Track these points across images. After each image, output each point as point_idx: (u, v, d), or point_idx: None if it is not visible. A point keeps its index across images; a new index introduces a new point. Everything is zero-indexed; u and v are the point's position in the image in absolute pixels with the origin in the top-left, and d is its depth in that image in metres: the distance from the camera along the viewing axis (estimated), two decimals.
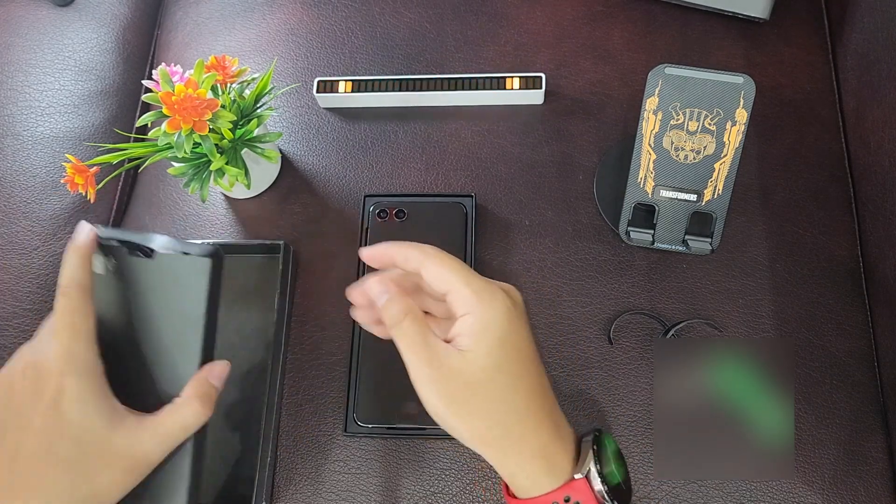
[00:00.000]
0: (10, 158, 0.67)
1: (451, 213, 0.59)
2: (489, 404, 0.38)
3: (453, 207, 0.59)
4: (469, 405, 0.37)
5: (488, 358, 0.37)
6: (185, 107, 0.49)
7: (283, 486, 0.54)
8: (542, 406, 0.39)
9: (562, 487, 0.38)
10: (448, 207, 0.59)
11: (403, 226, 0.59)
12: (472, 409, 0.37)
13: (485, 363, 0.37)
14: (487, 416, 0.38)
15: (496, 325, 0.37)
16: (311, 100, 0.67)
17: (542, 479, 0.39)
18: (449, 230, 0.58)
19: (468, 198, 0.60)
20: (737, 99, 0.52)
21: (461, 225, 0.58)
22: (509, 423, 0.38)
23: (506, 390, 0.38)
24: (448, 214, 0.59)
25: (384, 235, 0.58)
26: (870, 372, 0.54)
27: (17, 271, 0.63)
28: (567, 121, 0.63)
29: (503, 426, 0.38)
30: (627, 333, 0.56)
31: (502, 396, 0.38)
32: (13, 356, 0.37)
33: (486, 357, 0.37)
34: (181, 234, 0.64)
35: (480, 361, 0.37)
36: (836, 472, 0.51)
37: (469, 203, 0.59)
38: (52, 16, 0.74)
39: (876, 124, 0.56)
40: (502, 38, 0.67)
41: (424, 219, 0.59)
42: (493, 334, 0.37)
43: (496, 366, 0.38)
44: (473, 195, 0.59)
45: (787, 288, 0.56)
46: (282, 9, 0.72)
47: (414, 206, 0.60)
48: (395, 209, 0.59)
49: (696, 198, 0.54)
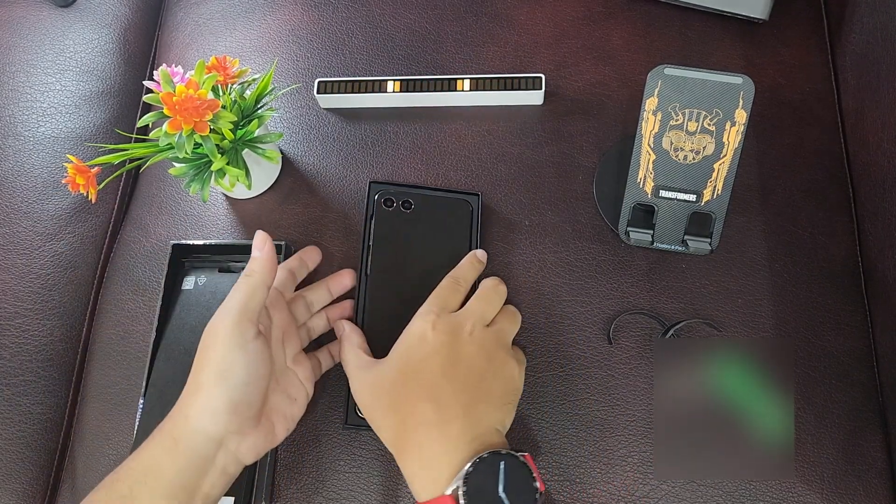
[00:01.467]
0: (12, 159, 0.67)
1: (457, 209, 0.59)
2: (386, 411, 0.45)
3: (460, 204, 0.59)
4: (385, 411, 0.45)
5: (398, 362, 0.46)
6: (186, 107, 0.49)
7: (284, 486, 0.54)
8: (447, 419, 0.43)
9: (431, 501, 0.40)
10: (454, 203, 0.59)
11: (409, 218, 0.58)
12: (390, 414, 0.45)
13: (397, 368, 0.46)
14: (381, 420, 0.45)
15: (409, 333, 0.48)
16: (311, 100, 0.67)
17: (425, 485, 0.41)
18: (454, 226, 0.58)
19: (474, 196, 0.59)
20: (736, 99, 0.52)
21: (466, 222, 0.58)
22: (397, 429, 0.44)
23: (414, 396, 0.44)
24: (454, 210, 0.59)
25: (389, 225, 0.57)
26: (869, 371, 0.54)
27: (19, 271, 0.63)
28: (567, 121, 0.63)
29: (416, 431, 0.43)
30: (627, 333, 0.56)
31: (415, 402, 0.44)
32: None
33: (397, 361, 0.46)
34: (182, 235, 0.64)
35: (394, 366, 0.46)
36: (835, 471, 0.51)
37: (475, 201, 0.59)
38: (53, 17, 0.74)
39: (875, 124, 0.56)
40: (502, 39, 0.67)
41: (430, 213, 0.58)
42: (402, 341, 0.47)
43: (404, 371, 0.45)
44: (479, 194, 0.59)
45: (786, 287, 0.56)
46: (282, 10, 0.72)
47: (421, 199, 0.59)
48: (402, 200, 0.58)
49: (696, 198, 0.54)
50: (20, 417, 0.59)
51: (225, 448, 0.42)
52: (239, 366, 0.42)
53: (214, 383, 0.42)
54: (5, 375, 0.60)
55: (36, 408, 0.60)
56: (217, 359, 0.42)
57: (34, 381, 0.60)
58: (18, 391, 0.60)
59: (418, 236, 0.57)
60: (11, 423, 0.59)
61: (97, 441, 0.58)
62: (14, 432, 0.58)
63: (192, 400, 0.42)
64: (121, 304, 0.63)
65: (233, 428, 0.42)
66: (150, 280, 0.63)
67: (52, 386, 0.61)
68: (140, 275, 0.63)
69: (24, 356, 0.60)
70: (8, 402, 0.59)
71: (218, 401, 0.41)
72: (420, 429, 0.43)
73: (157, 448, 0.41)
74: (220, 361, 0.42)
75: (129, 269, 0.64)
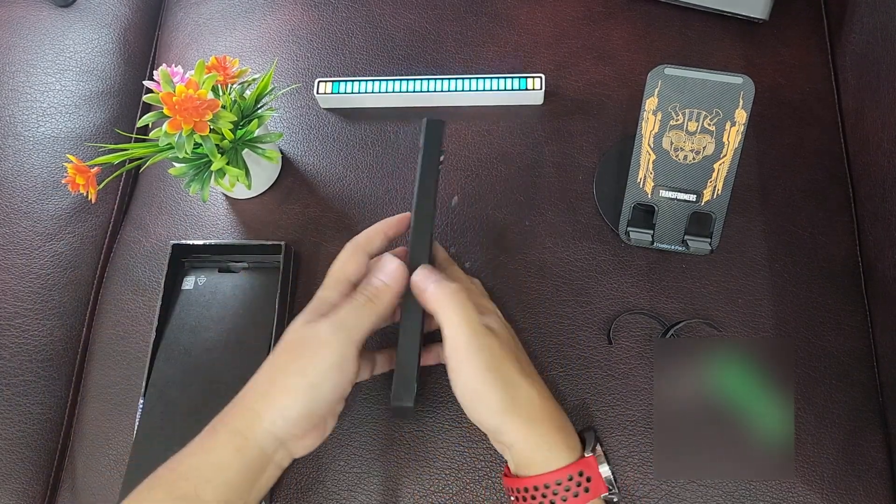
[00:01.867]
0: (12, 159, 0.67)
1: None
2: (518, 375, 0.42)
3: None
4: (503, 374, 0.42)
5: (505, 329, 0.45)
6: (186, 107, 0.49)
7: (283, 486, 0.54)
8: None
9: (578, 462, 0.41)
10: None
11: None
12: (508, 377, 0.42)
13: (507, 334, 0.44)
14: (518, 385, 0.42)
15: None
16: (311, 100, 0.67)
17: (563, 451, 0.41)
18: None
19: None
20: (736, 99, 0.52)
21: None
22: (535, 393, 0.42)
23: (525, 360, 0.44)
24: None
25: None
26: (869, 371, 0.54)
27: (19, 271, 0.63)
28: (567, 121, 0.63)
29: (531, 395, 0.42)
30: (627, 333, 0.56)
31: (530, 369, 0.44)
32: None
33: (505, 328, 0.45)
34: (182, 235, 0.64)
35: (504, 332, 0.44)
36: (835, 471, 0.51)
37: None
38: (53, 17, 0.74)
39: (875, 124, 0.56)
40: (502, 39, 0.67)
41: None
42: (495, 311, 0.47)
43: (513, 337, 0.45)
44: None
45: (786, 287, 0.56)
46: (282, 9, 0.72)
47: None
48: None
49: (696, 198, 0.54)
50: (20, 417, 0.59)
51: (285, 446, 0.42)
52: (331, 383, 0.41)
53: (301, 393, 0.40)
54: (5, 375, 0.60)
55: (36, 408, 0.60)
56: (312, 371, 0.40)
57: (34, 381, 0.60)
58: (18, 391, 0.59)
59: None
60: (11, 423, 0.59)
61: (97, 441, 0.58)
62: (14, 432, 0.58)
63: (269, 400, 0.40)
64: (121, 304, 0.63)
65: (299, 433, 0.41)
66: (149, 280, 0.63)
67: (52, 386, 0.61)
68: (140, 275, 0.63)
69: (24, 356, 0.60)
70: (8, 402, 0.59)
71: (298, 410, 0.40)
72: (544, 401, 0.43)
73: (227, 447, 0.40)
74: (315, 375, 0.40)
75: (129, 269, 0.64)
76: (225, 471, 0.39)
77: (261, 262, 0.60)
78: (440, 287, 0.42)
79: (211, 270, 0.60)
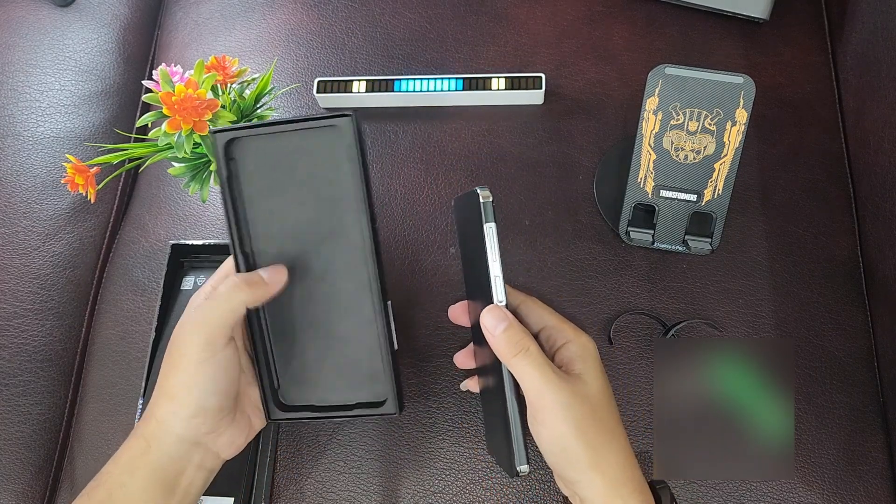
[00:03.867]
0: (11, 158, 0.67)
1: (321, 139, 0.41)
2: (607, 433, 0.39)
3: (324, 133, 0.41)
4: (593, 430, 0.39)
5: (599, 380, 0.40)
6: (186, 107, 0.49)
7: (283, 486, 0.54)
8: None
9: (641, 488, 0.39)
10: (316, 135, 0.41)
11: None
12: (596, 434, 0.39)
13: (599, 386, 0.40)
14: (607, 443, 0.39)
15: (595, 350, 0.42)
16: (311, 100, 0.67)
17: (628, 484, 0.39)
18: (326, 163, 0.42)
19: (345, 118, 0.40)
20: (737, 99, 0.52)
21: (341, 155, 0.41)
22: (621, 452, 0.40)
23: (615, 416, 0.41)
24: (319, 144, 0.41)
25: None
26: (869, 372, 0.54)
27: (18, 271, 0.63)
28: (567, 121, 0.63)
29: (617, 454, 0.39)
30: (627, 333, 0.56)
31: (615, 425, 0.40)
32: None
33: (598, 379, 0.40)
34: (181, 235, 0.64)
35: (596, 384, 0.40)
36: (835, 471, 0.51)
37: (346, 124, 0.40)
38: (52, 16, 0.74)
39: (876, 124, 0.56)
40: (502, 38, 0.67)
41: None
42: (595, 358, 0.41)
43: (605, 390, 0.41)
44: (352, 114, 0.40)
45: (786, 288, 0.56)
46: (282, 9, 0.72)
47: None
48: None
49: (696, 198, 0.54)
50: (19, 418, 0.59)
51: (201, 446, 0.41)
52: (207, 377, 0.40)
53: (184, 392, 0.40)
54: (4, 376, 0.59)
55: (35, 408, 0.59)
56: (186, 369, 0.40)
57: (33, 382, 0.60)
58: (18, 391, 0.59)
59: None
60: (11, 423, 0.59)
61: (97, 441, 0.58)
62: (13, 432, 0.58)
63: (162, 404, 0.41)
64: (120, 305, 0.63)
65: (205, 429, 0.41)
66: (149, 280, 0.62)
67: (52, 386, 0.61)
68: (139, 275, 0.63)
69: (23, 356, 0.60)
70: (7, 402, 0.59)
71: (188, 409, 0.40)
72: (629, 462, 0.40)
73: (132, 451, 0.41)
74: (190, 373, 0.40)
75: (129, 269, 0.64)
76: (134, 475, 0.40)
77: None
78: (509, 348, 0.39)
79: (210, 271, 0.60)
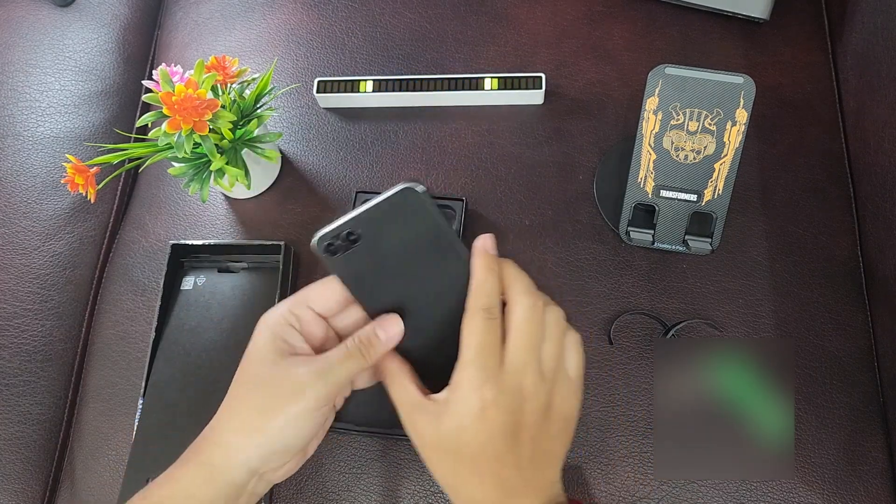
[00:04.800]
0: (11, 158, 0.67)
1: None
2: (467, 470, 0.37)
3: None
4: (450, 469, 0.38)
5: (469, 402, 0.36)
6: (186, 107, 0.49)
7: (283, 487, 0.54)
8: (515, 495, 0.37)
9: None
10: None
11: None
12: (454, 475, 0.38)
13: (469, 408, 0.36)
14: (466, 482, 0.37)
15: (462, 420, 0.37)
16: (311, 100, 0.67)
17: None
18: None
19: (458, 202, 0.55)
20: (737, 99, 0.52)
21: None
22: (490, 486, 0.37)
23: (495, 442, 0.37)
24: None
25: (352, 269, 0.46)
26: (869, 372, 0.54)
27: (18, 271, 0.63)
28: (567, 121, 0.63)
29: (484, 491, 0.37)
30: (627, 333, 0.56)
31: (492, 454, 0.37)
32: None
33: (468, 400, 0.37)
34: (181, 235, 0.64)
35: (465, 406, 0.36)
36: (835, 471, 0.51)
37: (459, 207, 0.55)
38: (52, 16, 0.74)
39: (876, 124, 0.56)
40: (502, 38, 0.67)
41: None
42: (458, 427, 0.37)
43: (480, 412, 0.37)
44: (464, 199, 0.55)
45: (786, 288, 0.56)
46: (282, 9, 0.72)
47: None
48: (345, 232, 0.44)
49: (697, 198, 0.54)
50: (19, 418, 0.59)
51: (261, 477, 0.40)
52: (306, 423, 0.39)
53: (277, 433, 0.38)
54: (4, 376, 0.59)
55: (35, 408, 0.59)
56: (288, 411, 0.38)
57: (33, 382, 0.60)
58: (18, 391, 0.59)
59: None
60: (10, 423, 0.59)
61: (96, 441, 0.58)
62: (13, 432, 0.58)
63: (243, 437, 0.39)
64: (120, 305, 0.63)
65: (276, 465, 0.40)
66: (149, 280, 0.62)
67: (52, 386, 0.61)
68: (139, 275, 0.63)
69: (23, 356, 0.60)
70: (7, 402, 0.59)
71: (273, 448, 0.39)
72: (489, 483, 0.37)
73: (195, 478, 0.39)
74: (292, 415, 0.38)
75: (129, 269, 0.64)
76: (193, 501, 0.39)
77: (260, 263, 0.60)
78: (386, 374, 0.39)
79: (210, 270, 0.60)
